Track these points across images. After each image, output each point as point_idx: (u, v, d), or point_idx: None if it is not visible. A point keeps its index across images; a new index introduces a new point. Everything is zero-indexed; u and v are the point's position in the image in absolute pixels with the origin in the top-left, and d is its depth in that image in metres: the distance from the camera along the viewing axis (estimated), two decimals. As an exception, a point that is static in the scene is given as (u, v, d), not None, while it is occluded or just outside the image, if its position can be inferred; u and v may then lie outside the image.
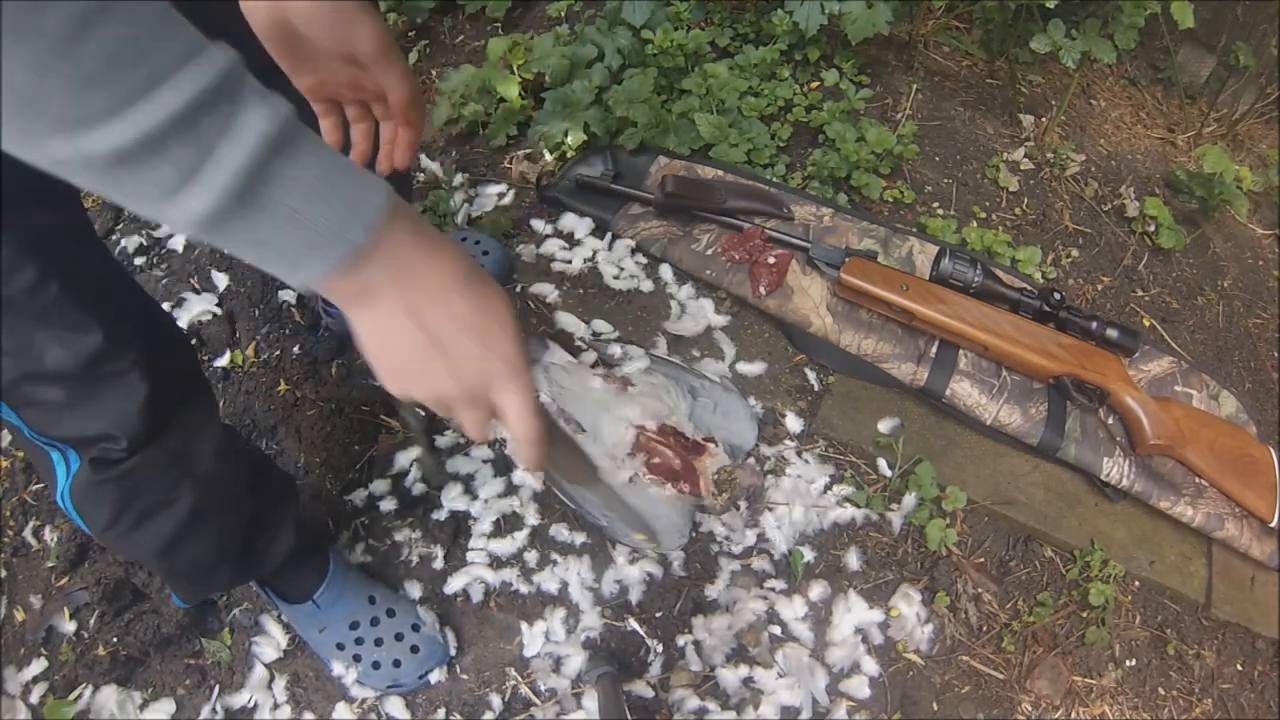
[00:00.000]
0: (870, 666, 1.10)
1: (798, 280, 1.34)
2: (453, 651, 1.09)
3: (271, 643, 1.10)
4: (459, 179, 1.52)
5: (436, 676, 1.07)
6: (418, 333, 0.54)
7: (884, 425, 1.25)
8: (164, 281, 1.43)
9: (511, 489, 1.20)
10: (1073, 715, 1.13)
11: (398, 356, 0.56)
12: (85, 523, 0.85)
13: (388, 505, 1.19)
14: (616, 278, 1.37)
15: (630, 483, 1.16)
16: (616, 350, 1.28)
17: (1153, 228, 1.57)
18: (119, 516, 0.84)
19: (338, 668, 1.06)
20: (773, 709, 1.06)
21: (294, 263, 0.48)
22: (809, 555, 1.16)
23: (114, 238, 1.50)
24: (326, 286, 0.51)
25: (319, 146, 0.47)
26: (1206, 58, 1.84)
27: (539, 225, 1.44)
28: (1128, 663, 1.17)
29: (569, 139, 1.48)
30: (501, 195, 1.50)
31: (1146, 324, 1.48)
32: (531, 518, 1.18)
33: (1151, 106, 1.88)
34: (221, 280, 1.41)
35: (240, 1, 0.70)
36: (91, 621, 1.13)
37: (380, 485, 1.20)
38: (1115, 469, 1.21)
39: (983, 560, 1.20)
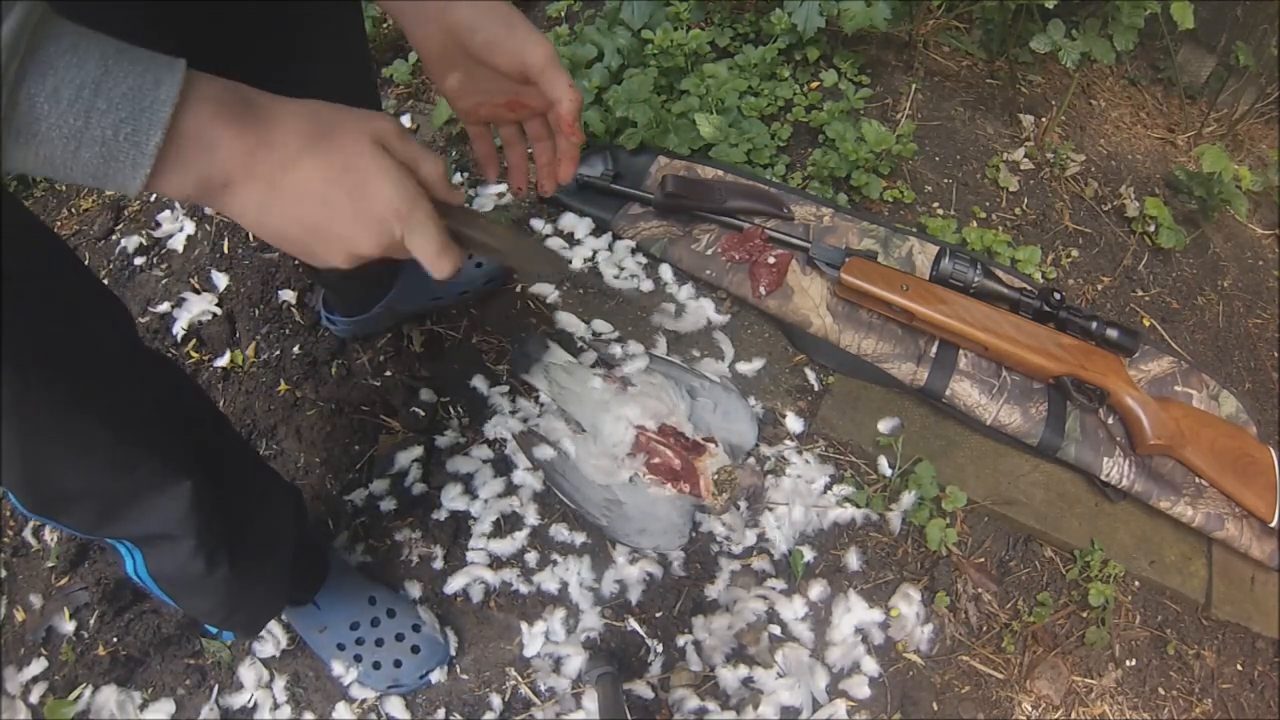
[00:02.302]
0: (870, 666, 1.10)
1: (798, 280, 1.34)
2: (453, 652, 1.09)
3: (271, 642, 1.09)
4: (458, 179, 1.52)
5: (437, 677, 1.07)
6: (289, 208, 0.51)
7: (884, 425, 1.25)
8: (164, 282, 1.43)
9: (511, 489, 1.20)
10: (1073, 715, 1.13)
11: (288, 236, 0.53)
12: (176, 603, 0.89)
13: (388, 505, 1.19)
14: (616, 277, 1.37)
15: (630, 483, 1.16)
16: (616, 350, 1.28)
17: (1153, 228, 1.57)
18: (217, 608, 0.90)
19: (338, 668, 1.06)
20: (773, 709, 1.06)
21: (103, 178, 0.45)
22: (809, 555, 1.16)
23: (113, 238, 1.50)
24: (166, 194, 0.48)
25: (79, 44, 0.43)
26: (1206, 58, 1.84)
27: (539, 225, 1.44)
28: (1128, 663, 1.17)
29: (569, 139, 1.47)
30: (501, 195, 1.50)
31: (1146, 324, 1.48)
32: (531, 518, 1.18)
33: (1151, 106, 1.88)
34: (221, 280, 1.41)
35: (411, 31, 0.71)
36: (91, 621, 1.13)
37: (380, 485, 1.20)
38: (1115, 469, 1.21)
39: (983, 560, 1.20)
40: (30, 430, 0.63)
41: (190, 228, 1.49)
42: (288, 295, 1.38)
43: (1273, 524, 1.20)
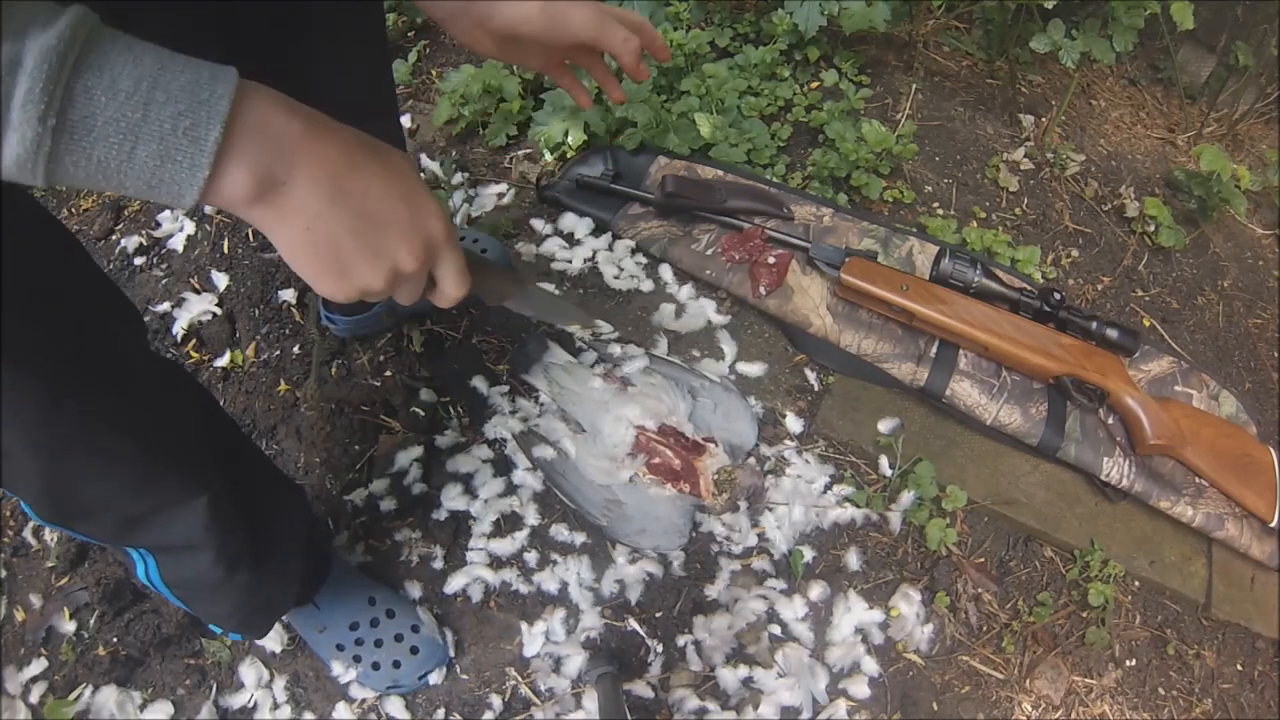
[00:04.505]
0: (870, 666, 1.10)
1: (798, 280, 1.34)
2: (452, 653, 1.09)
3: (271, 642, 1.09)
4: (459, 178, 1.52)
5: (435, 678, 1.07)
6: (345, 212, 0.50)
7: (884, 425, 1.25)
8: (164, 281, 1.43)
9: (511, 489, 1.20)
10: (1073, 715, 1.13)
11: (333, 248, 0.51)
12: (190, 608, 0.89)
13: (388, 505, 1.19)
14: (616, 278, 1.37)
15: (630, 483, 1.16)
16: (616, 350, 1.28)
17: (1153, 228, 1.57)
18: (234, 613, 0.90)
19: (337, 668, 1.06)
20: (773, 709, 1.06)
21: (157, 184, 0.44)
22: (809, 555, 1.16)
23: (113, 238, 1.50)
24: (221, 199, 0.46)
25: (134, 45, 0.43)
26: (1206, 58, 1.85)
27: (539, 225, 1.44)
28: (1128, 663, 1.17)
29: (569, 139, 1.48)
30: (501, 195, 1.50)
31: (1146, 324, 1.48)
32: (531, 518, 1.18)
33: (1151, 106, 1.88)
34: (221, 280, 1.40)
35: (458, 36, 0.76)
36: (91, 621, 1.13)
37: (380, 485, 1.20)
38: (1115, 469, 1.21)
39: (983, 560, 1.20)
40: (58, 447, 0.60)
41: (190, 228, 1.49)
42: (288, 295, 1.38)
43: (1273, 524, 1.20)
